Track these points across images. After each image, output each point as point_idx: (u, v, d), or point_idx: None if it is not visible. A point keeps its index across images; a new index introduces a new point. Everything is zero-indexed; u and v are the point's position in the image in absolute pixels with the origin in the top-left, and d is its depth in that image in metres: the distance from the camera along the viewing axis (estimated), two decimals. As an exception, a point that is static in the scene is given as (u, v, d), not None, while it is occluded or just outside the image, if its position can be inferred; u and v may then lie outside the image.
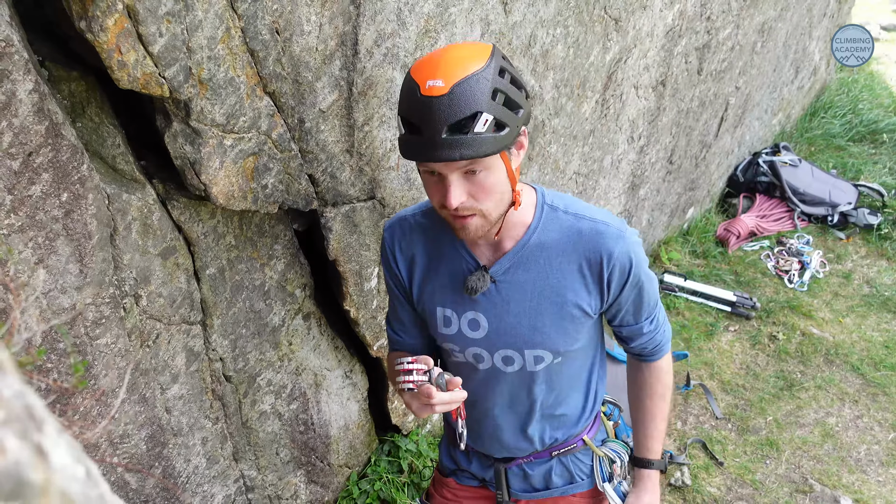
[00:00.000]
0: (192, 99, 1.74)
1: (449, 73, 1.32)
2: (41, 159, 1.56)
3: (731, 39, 4.66)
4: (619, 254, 1.55)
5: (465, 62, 1.35)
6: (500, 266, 1.61)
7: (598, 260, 1.56)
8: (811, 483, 3.54)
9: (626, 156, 4.13)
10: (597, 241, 1.56)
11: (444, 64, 1.34)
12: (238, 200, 1.97)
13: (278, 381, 2.47)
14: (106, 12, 1.51)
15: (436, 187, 1.45)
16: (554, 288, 1.60)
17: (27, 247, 1.58)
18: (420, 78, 1.34)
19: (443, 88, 1.31)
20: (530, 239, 1.59)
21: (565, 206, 1.62)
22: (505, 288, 1.62)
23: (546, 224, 1.60)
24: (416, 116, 1.34)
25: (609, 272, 1.57)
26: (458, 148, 1.32)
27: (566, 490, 1.91)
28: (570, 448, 1.88)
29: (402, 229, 1.74)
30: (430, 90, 1.31)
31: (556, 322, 1.62)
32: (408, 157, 1.41)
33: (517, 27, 2.65)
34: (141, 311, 1.92)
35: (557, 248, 1.59)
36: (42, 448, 0.48)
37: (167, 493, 2.14)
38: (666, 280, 4.93)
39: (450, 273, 1.67)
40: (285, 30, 1.87)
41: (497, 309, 1.64)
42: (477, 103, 1.32)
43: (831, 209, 5.76)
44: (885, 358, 4.40)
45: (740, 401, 4.11)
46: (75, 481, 0.52)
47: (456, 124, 1.32)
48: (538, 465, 1.90)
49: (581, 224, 1.58)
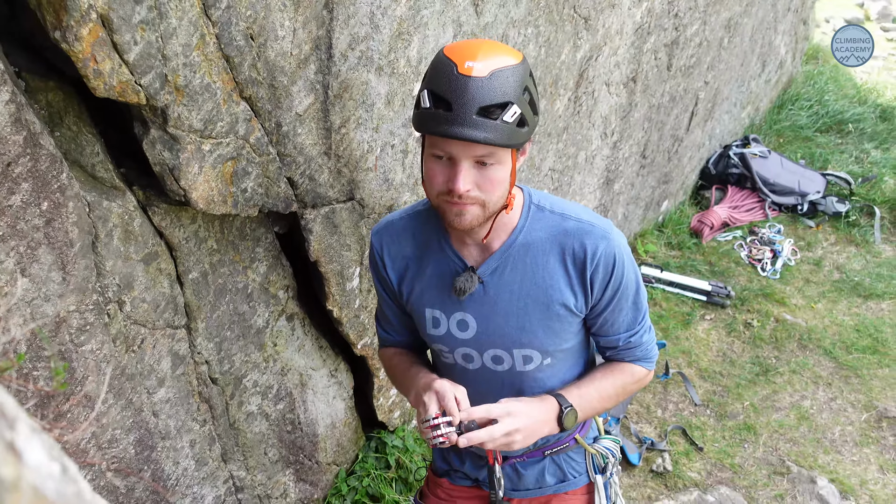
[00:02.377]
0: (168, 105, 1.76)
1: (488, 59, 1.37)
2: (20, 169, 1.57)
3: (699, 35, 4.75)
4: (603, 252, 1.57)
5: (504, 55, 1.40)
6: (487, 266, 1.63)
7: (582, 258, 1.58)
8: (788, 465, 3.63)
9: (600, 151, 4.20)
10: (582, 240, 1.58)
11: (483, 51, 1.39)
12: (218, 205, 1.99)
13: (264, 382, 2.50)
14: (80, 22, 1.52)
15: (442, 171, 1.46)
16: (540, 287, 1.61)
17: (9, 256, 1.60)
18: (457, 58, 1.37)
19: (482, 71, 1.35)
20: (517, 239, 1.61)
21: (551, 205, 1.64)
22: (492, 288, 1.64)
23: (532, 224, 1.62)
24: (449, 92, 1.36)
25: (593, 270, 1.58)
26: (484, 130, 1.36)
27: (559, 488, 1.92)
28: (562, 447, 1.88)
29: (389, 233, 1.75)
30: (468, 70, 1.35)
31: (543, 321, 1.64)
32: (429, 131, 1.41)
33: (489, 28, 2.69)
34: (125, 317, 1.94)
35: (543, 247, 1.61)
36: (14, 445, 0.48)
37: (157, 496, 2.15)
38: (643, 272, 5.00)
39: (438, 275, 1.68)
40: (259, 35, 1.89)
41: (485, 309, 1.65)
42: (510, 94, 1.37)
43: (801, 198, 5.87)
44: (856, 341, 4.51)
45: (718, 387, 4.19)
46: (50, 478, 0.52)
47: (487, 108, 1.36)
48: (531, 464, 1.90)
49: (567, 223, 1.60)
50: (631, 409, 4.00)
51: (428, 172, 1.50)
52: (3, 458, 0.44)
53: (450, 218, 1.51)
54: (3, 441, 0.46)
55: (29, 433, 0.53)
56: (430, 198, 1.54)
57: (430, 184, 1.50)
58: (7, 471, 0.44)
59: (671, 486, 3.52)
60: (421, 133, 1.48)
